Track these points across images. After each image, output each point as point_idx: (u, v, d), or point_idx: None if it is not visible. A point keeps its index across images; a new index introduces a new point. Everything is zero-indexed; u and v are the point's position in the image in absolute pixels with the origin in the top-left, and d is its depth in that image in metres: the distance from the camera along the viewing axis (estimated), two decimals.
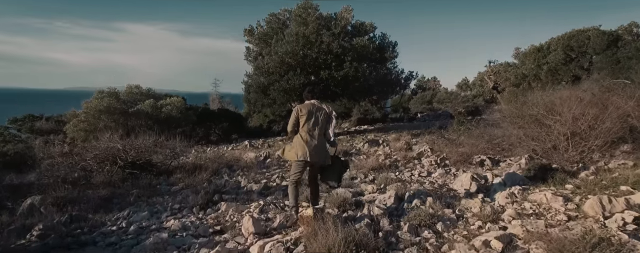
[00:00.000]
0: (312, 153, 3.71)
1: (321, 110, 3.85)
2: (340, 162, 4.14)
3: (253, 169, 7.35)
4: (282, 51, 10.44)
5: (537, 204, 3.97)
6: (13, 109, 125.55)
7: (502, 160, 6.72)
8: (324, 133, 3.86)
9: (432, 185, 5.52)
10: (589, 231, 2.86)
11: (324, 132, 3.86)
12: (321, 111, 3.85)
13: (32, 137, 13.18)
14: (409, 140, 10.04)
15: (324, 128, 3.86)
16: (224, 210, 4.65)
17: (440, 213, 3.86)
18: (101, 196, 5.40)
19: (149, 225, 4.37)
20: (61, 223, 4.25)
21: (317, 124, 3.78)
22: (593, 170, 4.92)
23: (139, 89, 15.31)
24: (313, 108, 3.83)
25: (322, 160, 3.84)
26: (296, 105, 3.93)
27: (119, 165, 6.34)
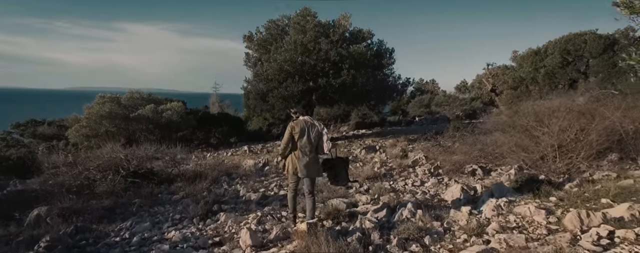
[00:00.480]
0: (304, 168, 4.02)
1: (313, 127, 4.10)
2: (341, 161, 4.42)
3: (252, 177, 7.55)
4: (281, 59, 10.63)
5: (521, 217, 4.16)
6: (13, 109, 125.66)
7: (493, 169, 6.91)
8: (316, 149, 4.09)
9: (424, 195, 5.72)
10: (559, 249, 3.05)
11: (316, 147, 4.08)
12: (313, 128, 4.10)
13: (34, 141, 13.37)
14: (405, 146, 10.24)
15: (316, 144, 4.08)
16: (223, 221, 4.84)
17: (428, 226, 4.06)
18: (104, 206, 5.60)
19: (151, 236, 4.56)
20: (67, 234, 4.44)
21: (309, 141, 4.04)
22: (577, 182, 5.11)
23: (140, 93, 15.50)
24: (306, 125, 4.08)
25: (314, 174, 4.12)
26: (291, 122, 4.17)
27: (122, 175, 6.54)
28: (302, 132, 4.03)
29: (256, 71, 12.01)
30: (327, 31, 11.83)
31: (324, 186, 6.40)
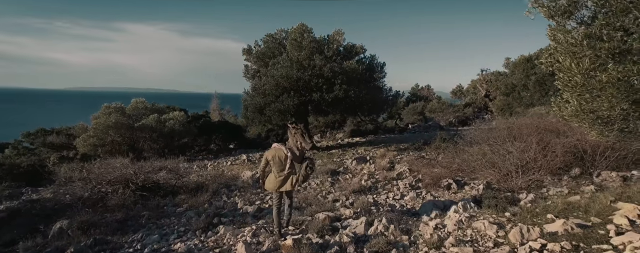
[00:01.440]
0: (280, 185, 5.02)
1: (281, 153, 5.04)
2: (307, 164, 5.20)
3: (249, 189, 8.26)
4: (277, 74, 11.34)
5: (477, 231, 4.87)
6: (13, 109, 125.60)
7: (468, 182, 7.61)
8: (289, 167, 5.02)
9: (401, 208, 6.43)
10: None
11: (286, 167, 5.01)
12: (281, 154, 5.03)
13: (44, 150, 14.09)
14: (393, 157, 10.95)
15: (285, 165, 5.01)
16: (222, 233, 5.55)
17: (397, 240, 4.77)
18: (117, 219, 6.31)
19: (160, 247, 5.27)
20: (88, 246, 5.15)
21: (280, 164, 5.01)
22: (532, 198, 5.82)
23: (144, 103, 16.22)
24: (276, 153, 5.04)
25: (290, 187, 5.06)
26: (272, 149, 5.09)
27: (131, 189, 7.25)
28: (274, 159, 5.02)
29: (254, 85, 12.72)
30: (321, 47, 12.55)
31: (313, 199, 7.12)
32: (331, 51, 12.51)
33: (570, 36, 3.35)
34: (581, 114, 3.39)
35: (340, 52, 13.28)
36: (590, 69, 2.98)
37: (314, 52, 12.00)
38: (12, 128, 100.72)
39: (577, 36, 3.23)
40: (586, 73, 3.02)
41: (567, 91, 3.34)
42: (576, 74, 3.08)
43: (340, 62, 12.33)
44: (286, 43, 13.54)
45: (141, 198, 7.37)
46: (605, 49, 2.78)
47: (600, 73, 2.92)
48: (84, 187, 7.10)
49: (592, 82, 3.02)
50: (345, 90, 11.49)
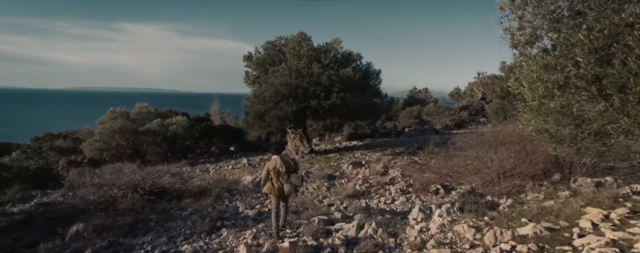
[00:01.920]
0: (278, 190, 5.67)
1: (281, 164, 5.68)
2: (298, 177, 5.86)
3: (249, 194, 8.76)
4: (277, 82, 11.84)
5: (457, 234, 5.37)
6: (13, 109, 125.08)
7: (455, 188, 8.11)
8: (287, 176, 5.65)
9: (392, 212, 6.93)
10: None
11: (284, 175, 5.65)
12: (281, 164, 5.67)
13: (52, 154, 14.59)
14: (387, 161, 11.43)
15: (282, 174, 5.66)
16: (225, 236, 6.06)
17: (385, 242, 5.27)
18: (128, 222, 6.80)
19: (168, 249, 5.77)
20: (103, 247, 5.65)
21: (279, 173, 5.64)
22: (510, 203, 6.32)
23: (148, 108, 16.72)
24: (276, 164, 5.68)
25: (286, 193, 5.76)
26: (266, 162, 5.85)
27: (140, 194, 7.75)
28: (274, 169, 5.69)
29: (255, 92, 13.22)
30: (319, 55, 13.04)
31: (309, 203, 7.62)
32: (328, 59, 12.99)
33: (531, 64, 3.85)
34: (539, 133, 3.88)
35: (337, 60, 13.77)
36: (543, 96, 3.47)
37: (312, 60, 12.50)
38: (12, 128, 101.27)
39: (535, 66, 3.73)
40: (540, 99, 3.51)
41: (526, 112, 3.83)
42: (533, 99, 3.57)
43: (337, 70, 12.82)
44: (285, 50, 14.06)
45: (149, 203, 7.87)
46: (551, 82, 3.27)
47: (548, 101, 3.40)
48: (96, 192, 7.60)
49: (544, 108, 3.51)
50: (342, 97, 11.99)
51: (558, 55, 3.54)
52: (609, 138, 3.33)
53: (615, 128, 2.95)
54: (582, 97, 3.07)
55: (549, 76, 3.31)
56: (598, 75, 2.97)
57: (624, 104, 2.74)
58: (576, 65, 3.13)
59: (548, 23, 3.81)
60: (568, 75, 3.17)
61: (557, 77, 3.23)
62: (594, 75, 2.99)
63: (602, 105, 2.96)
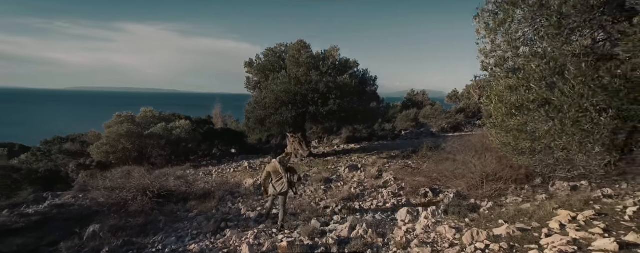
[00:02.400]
0: (275, 190, 6.71)
1: (277, 167, 6.69)
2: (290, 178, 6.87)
3: (251, 197, 9.32)
4: (277, 89, 12.41)
5: (439, 234, 5.93)
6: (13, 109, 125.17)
7: (443, 191, 8.67)
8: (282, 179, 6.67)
9: (382, 214, 7.49)
10: None
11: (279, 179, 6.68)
12: (277, 168, 6.69)
13: (60, 157, 15.17)
14: (382, 165, 12.00)
15: (280, 175, 6.67)
16: (228, 236, 6.62)
17: (373, 242, 5.83)
18: (139, 223, 7.37)
19: (177, 248, 6.34)
20: (118, 246, 6.22)
21: (277, 174, 6.64)
22: (490, 205, 6.88)
23: (152, 112, 17.31)
24: (273, 168, 6.70)
25: (281, 192, 6.74)
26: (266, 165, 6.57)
27: (149, 197, 8.32)
28: (273, 172, 6.71)
29: (255, 98, 13.80)
30: (317, 63, 13.61)
31: (307, 206, 8.19)
32: (326, 67, 13.57)
33: (498, 84, 4.42)
34: (503, 146, 4.43)
35: (335, 66, 14.34)
36: (505, 115, 4.02)
37: (310, 68, 13.07)
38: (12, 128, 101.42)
39: (501, 87, 4.29)
40: (502, 117, 4.06)
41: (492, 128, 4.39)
42: (496, 117, 4.12)
43: (335, 77, 13.39)
44: (285, 57, 14.63)
45: (157, 205, 8.44)
46: (510, 103, 3.82)
47: (508, 119, 3.95)
48: (109, 194, 8.17)
49: (505, 125, 4.06)
50: (339, 103, 12.56)
51: (519, 79, 4.10)
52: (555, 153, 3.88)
53: (557, 145, 3.50)
54: (534, 117, 3.62)
55: (510, 98, 3.86)
56: (547, 100, 3.52)
57: (564, 125, 3.29)
58: (529, 89, 3.68)
59: (512, 49, 4.36)
60: (524, 98, 3.72)
61: (515, 99, 3.78)
62: (543, 99, 3.54)
63: (548, 125, 3.51)
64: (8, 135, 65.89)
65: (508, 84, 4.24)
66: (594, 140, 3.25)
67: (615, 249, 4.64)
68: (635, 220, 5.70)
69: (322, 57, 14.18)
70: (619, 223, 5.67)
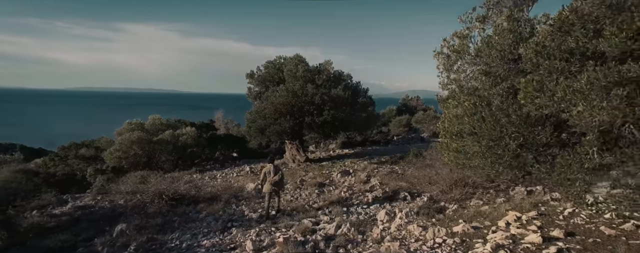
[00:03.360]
0: (271, 187, 8.35)
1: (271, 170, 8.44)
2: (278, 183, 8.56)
3: (252, 200, 10.58)
4: (276, 102, 13.68)
5: (408, 231, 7.19)
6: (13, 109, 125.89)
7: (420, 194, 9.94)
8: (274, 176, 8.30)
9: (365, 216, 8.76)
10: (409, 249, 6.09)
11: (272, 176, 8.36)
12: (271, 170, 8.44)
13: (76, 161, 16.43)
14: (371, 170, 13.27)
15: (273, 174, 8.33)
16: (234, 234, 7.88)
17: (354, 238, 7.09)
18: (158, 223, 8.64)
19: (192, 243, 7.61)
20: (144, 242, 7.48)
21: (271, 174, 8.28)
22: (455, 208, 8.14)
23: (160, 120, 18.58)
24: (269, 169, 8.39)
25: (277, 189, 8.47)
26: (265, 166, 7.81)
27: (165, 200, 9.59)
28: (270, 172, 8.39)
29: (256, 108, 15.07)
30: (313, 76, 14.88)
31: (301, 208, 9.46)
32: (321, 80, 14.84)
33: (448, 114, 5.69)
34: (450, 162, 5.69)
35: (330, 79, 15.61)
36: (450, 139, 5.26)
37: (307, 81, 14.35)
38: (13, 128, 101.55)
39: (449, 116, 5.56)
40: (448, 141, 5.31)
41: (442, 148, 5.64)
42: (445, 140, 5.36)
43: (329, 89, 14.66)
44: (284, 68, 15.91)
45: (171, 207, 9.71)
46: (451, 131, 5.07)
47: (451, 143, 5.20)
48: (131, 198, 9.44)
49: (448, 147, 5.31)
50: (333, 114, 13.83)
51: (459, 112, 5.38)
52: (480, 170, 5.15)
53: (481, 164, 4.76)
54: (467, 143, 4.87)
55: (453, 127, 5.13)
56: (474, 130, 4.78)
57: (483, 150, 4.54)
58: (464, 121, 4.94)
59: (458, 87, 5.65)
60: (461, 127, 4.98)
61: (456, 128, 5.04)
62: (472, 129, 4.80)
63: (474, 149, 4.76)
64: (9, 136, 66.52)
65: (453, 114, 5.51)
66: (501, 162, 4.50)
67: (539, 242, 5.92)
68: (568, 219, 6.98)
69: (317, 70, 15.46)
70: (554, 222, 6.94)
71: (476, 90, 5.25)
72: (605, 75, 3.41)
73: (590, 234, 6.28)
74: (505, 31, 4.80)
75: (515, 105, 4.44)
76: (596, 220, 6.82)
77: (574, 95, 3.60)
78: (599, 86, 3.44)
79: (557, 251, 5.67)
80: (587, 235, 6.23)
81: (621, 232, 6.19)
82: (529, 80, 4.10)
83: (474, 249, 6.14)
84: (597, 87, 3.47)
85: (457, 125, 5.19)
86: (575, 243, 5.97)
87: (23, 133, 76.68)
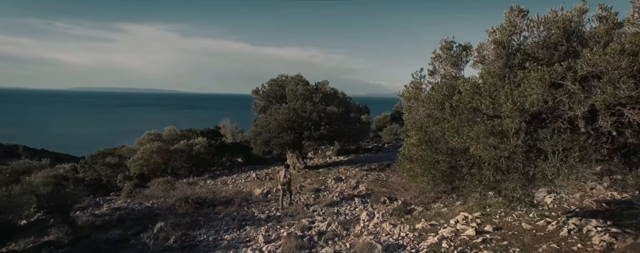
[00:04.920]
0: (284, 182, 10.77)
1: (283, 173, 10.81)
2: None
3: (260, 203, 12.85)
4: (280, 118, 15.95)
5: (382, 228, 9.45)
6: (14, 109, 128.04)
7: (398, 198, 12.17)
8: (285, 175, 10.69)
9: (351, 216, 11.01)
10: (376, 240, 8.36)
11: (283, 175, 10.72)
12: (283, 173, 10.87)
13: (103, 168, 18.71)
14: (361, 177, 15.53)
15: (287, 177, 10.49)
16: (248, 230, 10.14)
17: (340, 233, 9.36)
18: (187, 222, 10.89)
19: (217, 237, 9.87)
20: (179, 236, 9.74)
21: (285, 176, 10.37)
22: (421, 209, 10.40)
23: (175, 131, 20.87)
24: (281, 171, 10.80)
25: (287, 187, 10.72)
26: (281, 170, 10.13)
27: (190, 203, 11.85)
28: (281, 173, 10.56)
29: (262, 121, 17.34)
30: (311, 94, 17.14)
31: (300, 210, 11.72)
32: (318, 98, 17.11)
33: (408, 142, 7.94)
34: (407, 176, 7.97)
35: (326, 96, 17.87)
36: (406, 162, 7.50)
37: (306, 100, 16.61)
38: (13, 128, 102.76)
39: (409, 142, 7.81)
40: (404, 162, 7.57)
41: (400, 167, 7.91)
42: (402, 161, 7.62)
43: (325, 106, 16.92)
44: (286, 85, 18.16)
45: (195, 209, 11.98)
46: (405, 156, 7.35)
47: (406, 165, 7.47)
48: (164, 201, 11.71)
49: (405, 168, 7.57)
50: (328, 128, 16.10)
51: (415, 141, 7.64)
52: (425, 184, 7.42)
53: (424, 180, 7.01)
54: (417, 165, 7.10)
55: (406, 152, 7.37)
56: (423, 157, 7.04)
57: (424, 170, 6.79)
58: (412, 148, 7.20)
59: (411, 123, 7.88)
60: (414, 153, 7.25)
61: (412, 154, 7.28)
62: (418, 156, 7.05)
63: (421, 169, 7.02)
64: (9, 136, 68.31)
65: (408, 142, 7.75)
66: (436, 180, 6.74)
67: (473, 234, 8.19)
68: (502, 218, 9.24)
69: (315, 89, 17.72)
70: (490, 220, 9.21)
71: (422, 127, 7.49)
72: (486, 127, 5.67)
73: (512, 229, 8.56)
74: (440, 87, 7.04)
75: (444, 141, 6.68)
76: (522, 218, 9.10)
77: (471, 139, 5.87)
78: (484, 135, 5.71)
79: (482, 240, 7.97)
80: (509, 229, 8.52)
81: (534, 227, 8.48)
82: (450, 126, 6.34)
83: (426, 240, 8.43)
84: (482, 135, 5.73)
85: (409, 151, 7.43)
86: (498, 235, 8.25)
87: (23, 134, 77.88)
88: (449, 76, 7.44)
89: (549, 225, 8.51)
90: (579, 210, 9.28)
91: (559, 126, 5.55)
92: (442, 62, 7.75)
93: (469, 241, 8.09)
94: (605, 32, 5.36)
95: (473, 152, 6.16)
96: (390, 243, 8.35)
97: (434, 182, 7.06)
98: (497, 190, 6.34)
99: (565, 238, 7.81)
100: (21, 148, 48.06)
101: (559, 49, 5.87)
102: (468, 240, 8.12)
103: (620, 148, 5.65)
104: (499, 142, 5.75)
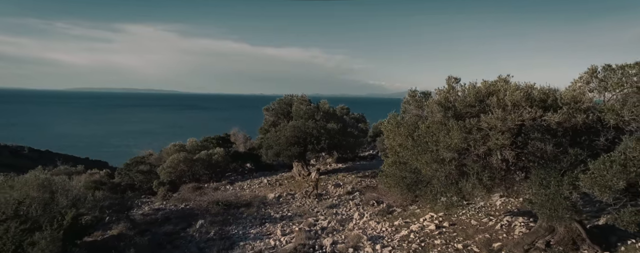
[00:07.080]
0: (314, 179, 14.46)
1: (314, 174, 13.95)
2: None
3: (274, 205, 16.04)
4: (288, 135, 19.16)
5: (369, 225, 12.63)
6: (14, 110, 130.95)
7: (384, 201, 15.35)
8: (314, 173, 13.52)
9: (346, 216, 14.19)
10: (363, 234, 11.56)
11: None
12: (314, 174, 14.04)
13: (137, 175, 21.92)
14: (356, 183, 18.71)
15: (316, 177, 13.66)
16: (268, 226, 13.34)
17: (337, 228, 12.57)
18: (220, 220, 14.07)
19: (245, 232, 13.06)
20: (217, 231, 12.92)
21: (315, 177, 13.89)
22: (400, 210, 13.59)
23: (196, 142, 24.08)
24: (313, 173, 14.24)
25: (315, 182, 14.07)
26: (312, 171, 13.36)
27: (220, 205, 15.04)
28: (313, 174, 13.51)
29: (272, 136, 20.56)
30: (313, 113, 20.35)
31: (307, 211, 14.92)
32: (319, 116, 20.32)
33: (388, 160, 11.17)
34: (385, 188, 11.14)
35: (326, 114, 21.08)
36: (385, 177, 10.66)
37: (308, 118, 19.82)
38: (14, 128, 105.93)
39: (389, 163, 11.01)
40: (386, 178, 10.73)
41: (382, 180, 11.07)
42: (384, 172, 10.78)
43: (325, 123, 20.13)
44: (292, 104, 21.36)
45: (224, 210, 15.17)
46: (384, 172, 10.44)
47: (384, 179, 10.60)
48: (199, 204, 14.90)
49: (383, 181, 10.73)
50: (328, 142, 19.32)
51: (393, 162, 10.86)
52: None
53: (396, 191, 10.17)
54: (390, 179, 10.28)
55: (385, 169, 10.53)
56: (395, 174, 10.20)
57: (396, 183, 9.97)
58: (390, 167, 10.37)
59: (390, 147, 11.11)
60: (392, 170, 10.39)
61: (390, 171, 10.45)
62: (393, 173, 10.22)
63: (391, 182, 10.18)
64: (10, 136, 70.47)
65: (388, 162, 10.95)
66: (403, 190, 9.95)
67: (434, 228, 11.41)
68: (459, 216, 12.44)
69: (316, 108, 20.95)
70: (450, 218, 12.41)
71: (396, 152, 10.67)
72: (432, 156, 8.88)
73: (463, 224, 11.78)
74: (407, 124, 10.22)
75: (409, 163, 9.87)
76: (473, 217, 12.31)
77: (424, 163, 9.07)
78: (431, 161, 8.91)
79: (439, 233, 11.20)
80: (461, 225, 11.73)
81: (479, 223, 11.71)
82: (412, 153, 9.54)
83: (400, 233, 11.64)
84: (430, 161, 8.93)
85: (387, 168, 10.63)
86: (451, 229, 11.47)
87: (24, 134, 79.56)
88: (415, 116, 10.66)
89: (490, 222, 11.75)
90: (517, 210, 12.51)
91: (474, 158, 8.78)
92: (410, 105, 10.97)
93: (429, 233, 11.31)
94: (496, 102, 8.53)
95: (424, 172, 9.42)
96: (374, 235, 11.58)
97: (402, 192, 10.30)
98: (442, 198, 9.55)
99: (497, 230, 11.04)
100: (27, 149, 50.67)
101: (476, 107, 9.07)
102: (429, 233, 11.34)
103: (506, 176, 8.84)
104: (439, 167, 9.00)
